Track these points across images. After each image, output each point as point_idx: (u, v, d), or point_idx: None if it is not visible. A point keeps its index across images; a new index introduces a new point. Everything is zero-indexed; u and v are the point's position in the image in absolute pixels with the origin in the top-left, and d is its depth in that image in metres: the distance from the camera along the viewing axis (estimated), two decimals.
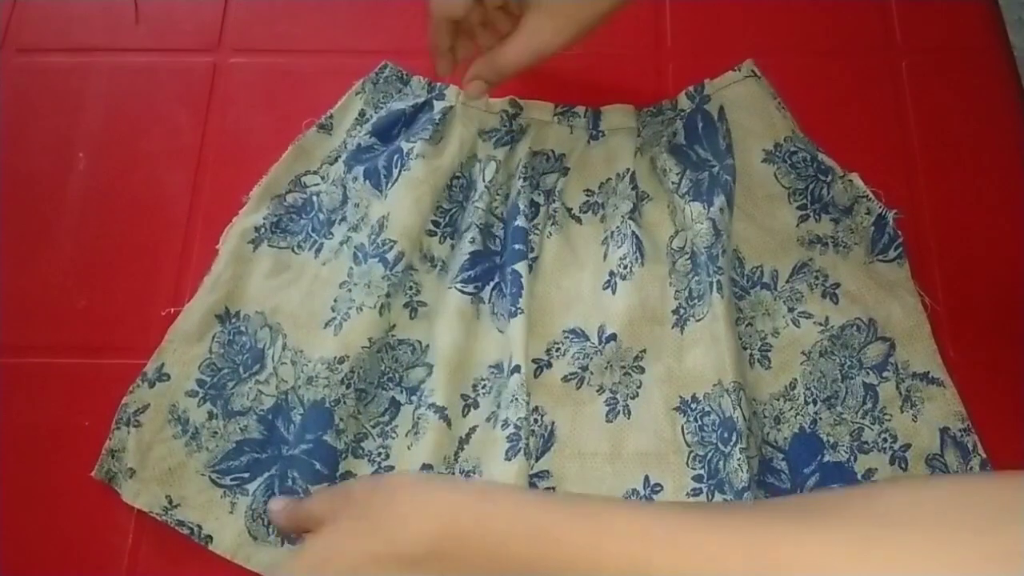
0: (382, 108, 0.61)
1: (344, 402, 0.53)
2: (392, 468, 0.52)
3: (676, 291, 0.56)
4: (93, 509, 0.53)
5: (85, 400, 0.55)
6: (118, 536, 0.52)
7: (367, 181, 0.58)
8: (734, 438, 0.51)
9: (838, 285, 0.56)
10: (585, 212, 0.58)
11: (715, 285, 0.54)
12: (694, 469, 0.52)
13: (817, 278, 0.56)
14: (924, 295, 0.56)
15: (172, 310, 0.57)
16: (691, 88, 0.60)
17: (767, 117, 0.59)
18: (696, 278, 0.55)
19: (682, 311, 0.55)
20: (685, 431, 0.53)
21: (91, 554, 0.52)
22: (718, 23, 0.65)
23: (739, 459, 0.50)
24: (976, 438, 0.52)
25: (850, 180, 0.57)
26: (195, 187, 0.61)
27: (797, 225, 0.57)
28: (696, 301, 0.55)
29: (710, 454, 0.52)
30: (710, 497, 0.51)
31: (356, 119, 0.61)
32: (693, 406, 0.53)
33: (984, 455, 0.52)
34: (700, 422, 0.53)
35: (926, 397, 0.53)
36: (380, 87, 0.61)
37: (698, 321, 0.54)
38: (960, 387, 0.54)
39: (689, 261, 0.56)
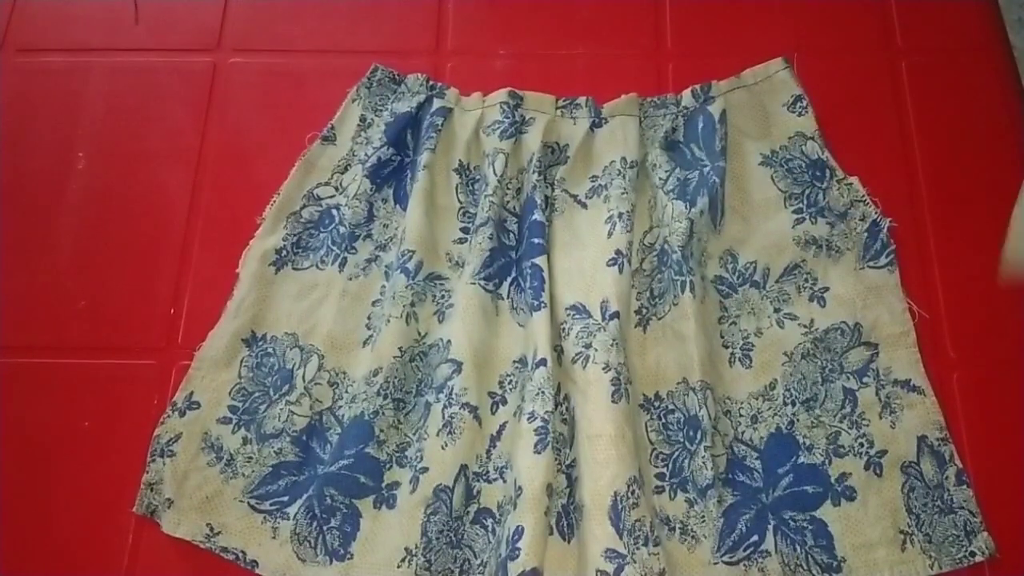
0: (381, 111, 0.61)
1: (383, 413, 0.53)
2: (427, 470, 0.51)
3: (639, 292, 0.55)
4: (93, 509, 0.53)
5: (85, 400, 0.55)
6: (118, 536, 0.52)
7: (397, 204, 0.59)
8: (699, 436, 0.51)
9: (827, 289, 0.56)
10: (590, 197, 0.59)
11: (687, 285, 0.54)
12: (656, 467, 0.52)
13: (807, 280, 0.56)
14: (912, 304, 0.55)
15: (173, 311, 0.57)
16: (697, 87, 0.60)
17: (767, 123, 0.60)
18: (659, 276, 0.56)
19: (644, 311, 0.55)
20: (649, 428, 0.53)
21: (91, 554, 0.52)
22: (718, 23, 0.65)
23: (704, 457, 0.51)
24: (953, 448, 0.51)
25: (849, 184, 0.57)
26: (195, 187, 0.61)
27: (793, 227, 0.57)
28: (658, 300, 0.55)
29: (676, 452, 0.52)
30: (672, 495, 0.51)
31: (358, 125, 0.61)
32: (656, 404, 0.53)
33: (960, 465, 0.51)
34: (664, 420, 0.53)
35: (905, 404, 0.53)
36: (375, 90, 0.62)
37: (659, 320, 0.55)
38: (959, 387, 0.54)
39: (656, 258, 0.56)
